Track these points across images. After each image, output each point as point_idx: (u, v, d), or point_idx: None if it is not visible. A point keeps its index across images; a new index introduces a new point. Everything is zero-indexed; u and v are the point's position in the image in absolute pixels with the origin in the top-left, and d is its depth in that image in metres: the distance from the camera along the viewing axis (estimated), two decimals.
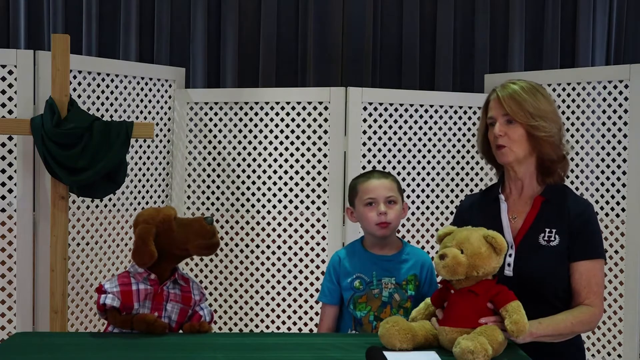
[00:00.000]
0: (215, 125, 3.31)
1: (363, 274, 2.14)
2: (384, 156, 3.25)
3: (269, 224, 3.27)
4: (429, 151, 3.31)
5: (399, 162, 3.27)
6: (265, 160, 3.27)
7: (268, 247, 3.28)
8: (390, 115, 3.25)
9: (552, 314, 1.87)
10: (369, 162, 3.22)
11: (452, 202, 3.33)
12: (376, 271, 2.14)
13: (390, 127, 3.25)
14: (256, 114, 3.27)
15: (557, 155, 2.00)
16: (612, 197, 3.14)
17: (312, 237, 3.23)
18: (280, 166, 3.26)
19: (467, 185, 3.34)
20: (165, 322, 1.99)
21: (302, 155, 3.24)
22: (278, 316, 3.27)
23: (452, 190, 3.34)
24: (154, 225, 1.98)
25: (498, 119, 1.99)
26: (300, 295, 3.24)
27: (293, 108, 3.24)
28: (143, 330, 1.92)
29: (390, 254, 2.17)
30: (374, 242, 2.18)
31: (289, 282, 3.25)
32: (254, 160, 3.28)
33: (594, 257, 1.95)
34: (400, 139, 3.27)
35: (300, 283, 3.25)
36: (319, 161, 3.22)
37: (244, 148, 3.29)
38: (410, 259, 2.17)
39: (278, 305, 3.27)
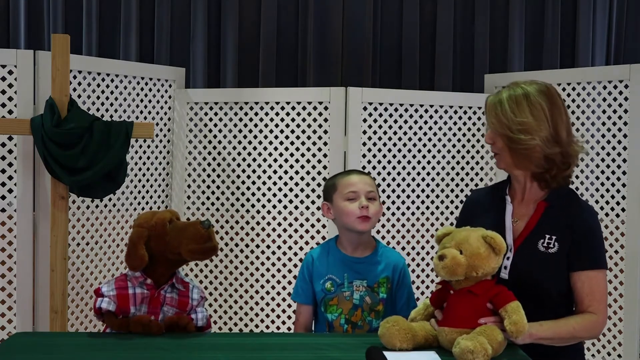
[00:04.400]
0: (215, 125, 3.31)
1: (335, 275, 2.13)
2: (384, 156, 3.25)
3: (269, 224, 3.27)
4: (429, 151, 3.31)
5: (399, 162, 3.27)
6: (265, 160, 3.27)
7: (268, 247, 3.28)
8: (390, 115, 3.25)
9: (546, 318, 1.86)
10: (369, 162, 3.22)
11: (452, 202, 3.33)
12: (348, 273, 2.12)
13: (390, 127, 3.25)
14: (256, 114, 3.27)
15: (548, 165, 1.95)
16: (612, 197, 3.14)
17: (312, 237, 3.23)
18: (280, 166, 3.26)
19: (467, 185, 3.34)
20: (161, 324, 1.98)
21: (302, 155, 3.24)
22: (278, 316, 3.27)
23: (452, 191, 3.34)
24: (147, 228, 1.96)
25: (489, 126, 2.01)
26: None
27: (293, 108, 3.24)
28: (139, 331, 1.91)
29: (363, 255, 2.15)
30: (349, 240, 2.15)
31: (289, 282, 3.25)
32: (254, 160, 3.28)
33: (596, 267, 1.92)
34: (400, 139, 3.27)
35: None
36: (319, 161, 3.22)
37: (244, 148, 3.29)
38: (383, 261, 2.15)
39: (278, 305, 3.27)
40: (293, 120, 3.24)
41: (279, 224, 3.26)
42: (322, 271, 2.15)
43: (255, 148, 3.28)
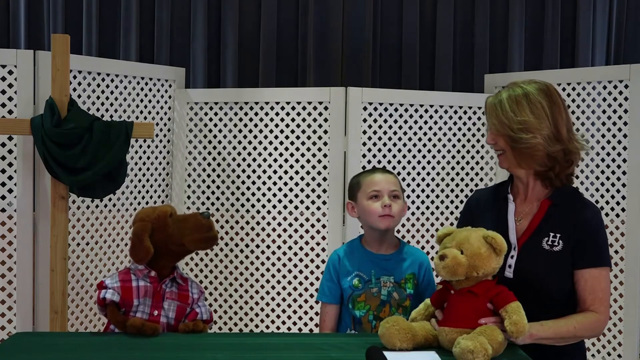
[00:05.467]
0: (215, 125, 3.31)
1: (362, 272, 2.15)
2: (384, 156, 3.25)
3: (269, 224, 3.27)
4: (429, 151, 3.31)
5: (399, 162, 3.27)
6: (265, 160, 3.27)
7: (268, 247, 3.28)
8: (390, 115, 3.25)
9: (550, 317, 1.86)
10: (369, 162, 3.22)
11: (452, 202, 3.33)
12: (375, 270, 2.14)
13: (390, 127, 3.25)
14: (256, 114, 3.27)
15: (551, 163, 1.96)
16: (612, 197, 3.14)
17: (312, 237, 3.23)
18: (280, 166, 3.26)
19: (467, 185, 3.34)
20: (163, 320, 2.02)
21: (302, 155, 3.24)
22: (278, 316, 3.27)
23: (452, 190, 3.34)
24: (150, 222, 2.02)
25: (490, 127, 2.01)
26: (300, 295, 3.24)
27: (293, 108, 3.24)
28: (135, 334, 1.93)
29: (388, 252, 2.18)
30: (374, 238, 2.18)
31: (289, 282, 3.25)
32: (254, 160, 3.28)
33: (600, 265, 1.93)
34: (400, 139, 3.27)
35: (300, 283, 3.25)
36: (319, 161, 3.22)
37: (244, 148, 3.29)
38: (408, 258, 2.18)
39: (278, 305, 3.27)
40: (293, 120, 3.24)
41: (279, 224, 3.26)
42: (349, 268, 2.17)
43: (255, 148, 3.28)
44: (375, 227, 2.14)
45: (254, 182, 3.28)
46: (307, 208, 3.24)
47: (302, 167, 3.24)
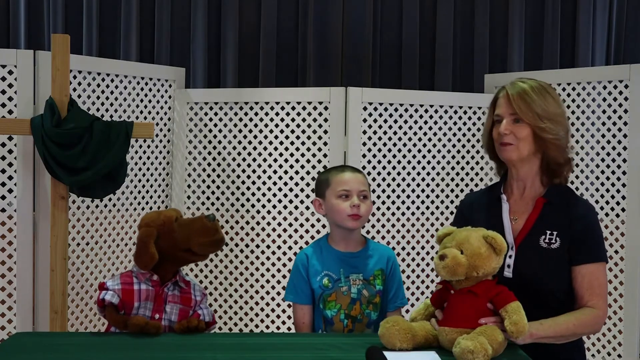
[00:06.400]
0: (215, 125, 3.31)
1: (331, 271, 2.14)
2: (384, 156, 3.25)
3: (269, 224, 3.27)
4: (429, 151, 3.31)
5: (399, 162, 3.27)
6: (265, 160, 3.27)
7: (268, 247, 3.28)
8: (390, 115, 3.25)
9: (551, 316, 1.86)
10: (369, 162, 3.22)
11: (452, 202, 3.33)
12: (343, 268, 2.14)
13: (390, 127, 3.25)
14: (256, 114, 3.27)
15: (564, 158, 1.99)
16: (612, 197, 3.14)
17: (312, 237, 3.23)
18: (280, 166, 3.26)
19: (467, 185, 3.34)
20: (165, 324, 2.01)
21: (302, 155, 3.24)
22: (278, 316, 3.27)
23: (452, 190, 3.34)
24: (155, 227, 2.00)
25: (505, 117, 1.97)
26: None
27: (293, 108, 3.24)
28: (137, 332, 1.93)
29: (356, 250, 2.17)
30: (341, 236, 2.17)
31: None
32: (254, 160, 3.28)
33: (596, 260, 1.94)
34: (400, 139, 3.27)
35: None
36: (319, 161, 3.22)
37: (244, 148, 3.29)
38: (375, 255, 2.18)
39: (278, 305, 3.27)
40: (293, 120, 3.24)
41: (279, 224, 3.26)
42: (317, 268, 2.15)
43: (255, 148, 3.28)
44: (343, 227, 2.13)
45: (254, 182, 3.28)
46: (307, 208, 3.24)
47: (302, 167, 3.24)
